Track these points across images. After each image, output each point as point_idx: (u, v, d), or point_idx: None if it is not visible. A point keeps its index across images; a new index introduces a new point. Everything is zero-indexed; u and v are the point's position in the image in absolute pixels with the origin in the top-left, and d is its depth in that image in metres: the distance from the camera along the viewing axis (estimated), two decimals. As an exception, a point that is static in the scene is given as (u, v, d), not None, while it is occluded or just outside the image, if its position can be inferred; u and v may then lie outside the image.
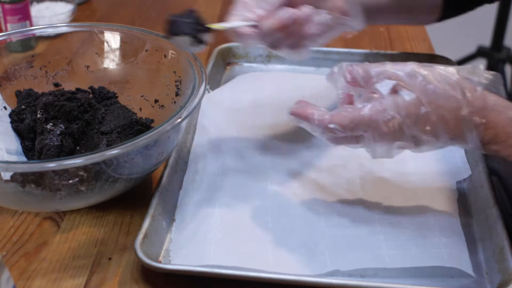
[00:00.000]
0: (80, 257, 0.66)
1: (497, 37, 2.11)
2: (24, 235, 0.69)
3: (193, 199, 0.72)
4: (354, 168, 0.77)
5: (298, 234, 0.67)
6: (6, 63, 0.83)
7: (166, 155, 0.71)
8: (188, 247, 0.65)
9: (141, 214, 0.69)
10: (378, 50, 1.00)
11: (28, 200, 0.65)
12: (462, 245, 0.65)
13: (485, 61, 2.19)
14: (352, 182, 0.75)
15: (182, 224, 0.69)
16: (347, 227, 0.68)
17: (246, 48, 1.02)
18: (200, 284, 0.63)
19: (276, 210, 0.71)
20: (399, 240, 0.66)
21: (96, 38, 0.85)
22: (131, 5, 1.28)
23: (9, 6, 1.03)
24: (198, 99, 0.69)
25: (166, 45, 0.80)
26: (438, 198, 0.72)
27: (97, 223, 0.70)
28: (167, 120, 0.65)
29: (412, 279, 0.63)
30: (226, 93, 0.91)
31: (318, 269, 0.63)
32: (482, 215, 0.69)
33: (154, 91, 0.82)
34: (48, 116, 0.73)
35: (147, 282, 0.63)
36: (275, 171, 0.77)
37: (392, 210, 0.70)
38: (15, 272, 0.64)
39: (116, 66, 0.85)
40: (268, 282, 0.61)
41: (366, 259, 0.64)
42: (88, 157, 0.60)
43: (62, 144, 0.71)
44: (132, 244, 0.65)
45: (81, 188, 0.65)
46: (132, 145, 0.62)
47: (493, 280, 0.62)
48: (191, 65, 0.75)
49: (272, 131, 0.84)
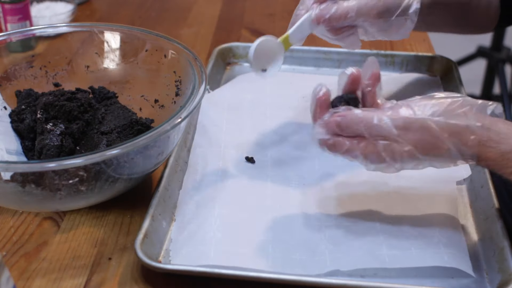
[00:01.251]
0: (80, 257, 0.66)
1: (497, 37, 2.11)
2: (24, 235, 0.69)
3: (193, 199, 0.72)
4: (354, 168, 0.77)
5: (298, 234, 0.67)
6: (6, 63, 0.83)
7: (166, 155, 0.71)
8: (188, 247, 0.65)
9: (141, 214, 0.69)
10: (378, 51, 1.00)
11: (28, 200, 0.65)
12: (462, 245, 0.65)
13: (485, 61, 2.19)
14: (352, 182, 0.75)
15: (182, 224, 0.69)
16: (347, 227, 0.68)
17: (246, 48, 1.02)
18: (200, 284, 0.63)
19: (276, 210, 0.71)
20: (399, 240, 0.66)
21: (96, 38, 0.85)
22: (131, 5, 1.28)
23: (9, 6, 1.03)
24: (198, 99, 0.69)
25: (166, 45, 0.80)
26: (438, 198, 0.72)
27: (97, 223, 0.70)
28: (167, 120, 0.65)
29: (412, 279, 0.63)
30: (226, 93, 0.91)
31: (318, 269, 0.63)
32: (482, 215, 0.69)
33: (154, 91, 0.82)
34: (48, 116, 0.73)
35: (147, 282, 0.63)
36: (275, 171, 0.77)
37: (392, 210, 0.70)
38: (15, 272, 0.64)
39: (116, 66, 0.85)
40: (268, 282, 0.61)
41: (366, 259, 0.64)
42: (88, 157, 0.60)
43: (62, 144, 0.71)
44: (132, 244, 0.65)
45: (81, 188, 0.65)
46: (132, 145, 0.62)
47: (493, 280, 0.62)
48: (191, 65, 0.75)
49: (272, 131, 0.84)
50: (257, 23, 1.19)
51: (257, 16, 1.23)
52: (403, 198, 0.72)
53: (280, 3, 1.28)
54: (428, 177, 0.75)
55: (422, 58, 0.99)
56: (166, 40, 0.80)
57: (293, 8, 0.79)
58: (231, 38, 1.11)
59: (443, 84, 0.95)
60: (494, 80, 2.19)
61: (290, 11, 0.76)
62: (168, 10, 1.26)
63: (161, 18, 1.23)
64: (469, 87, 0.67)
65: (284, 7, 1.25)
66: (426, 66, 0.99)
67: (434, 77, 0.97)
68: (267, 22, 1.19)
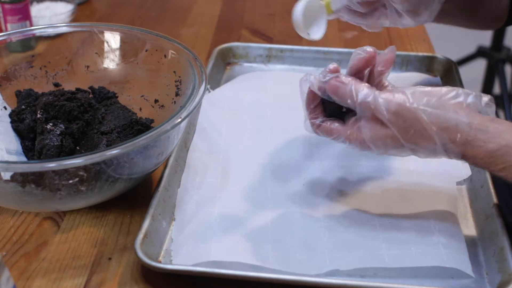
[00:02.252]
0: (80, 257, 0.66)
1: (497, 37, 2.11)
2: (24, 235, 0.69)
3: (193, 199, 0.72)
4: (353, 168, 0.77)
5: (298, 234, 0.67)
6: (6, 63, 0.83)
7: (166, 155, 0.71)
8: (188, 245, 0.66)
9: (141, 214, 0.69)
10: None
11: (28, 200, 0.65)
12: (462, 245, 0.65)
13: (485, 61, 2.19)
14: (351, 182, 0.75)
15: (182, 223, 0.69)
16: (346, 227, 0.68)
17: (246, 48, 1.02)
18: (200, 284, 0.63)
19: (276, 210, 0.71)
20: (399, 240, 0.66)
21: (96, 38, 0.85)
22: (131, 5, 1.28)
23: (9, 6, 1.03)
24: (198, 99, 0.69)
25: (166, 45, 0.80)
26: (438, 199, 0.72)
27: (97, 223, 0.70)
28: (167, 120, 0.65)
29: (412, 279, 0.63)
30: (227, 93, 0.91)
31: (317, 269, 0.63)
32: (482, 215, 0.69)
33: (154, 91, 0.82)
34: (48, 116, 0.73)
35: (147, 282, 0.63)
36: (275, 171, 0.77)
37: (392, 210, 0.70)
38: (15, 272, 0.64)
39: (116, 66, 0.85)
40: (268, 282, 0.61)
41: (365, 259, 0.64)
42: (88, 157, 0.60)
43: (62, 144, 0.71)
44: (132, 244, 0.65)
45: (81, 188, 0.65)
46: (132, 145, 0.62)
47: (493, 280, 0.62)
48: (191, 65, 0.75)
49: (272, 131, 0.84)
50: (257, 23, 1.19)
51: (257, 16, 1.22)
52: (403, 198, 0.72)
53: (280, 3, 1.28)
54: (428, 177, 0.75)
55: (422, 58, 0.99)
56: (166, 40, 0.80)
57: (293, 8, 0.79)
58: (231, 38, 1.11)
59: (443, 84, 0.96)
60: (494, 80, 2.19)
61: (290, 11, 0.76)
62: (168, 10, 1.26)
63: (161, 18, 1.23)
64: (469, 87, 0.67)
65: (284, 7, 1.25)
66: (426, 66, 0.99)
67: (434, 77, 0.98)
68: (267, 22, 1.19)
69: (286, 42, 1.09)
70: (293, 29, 0.77)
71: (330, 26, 0.80)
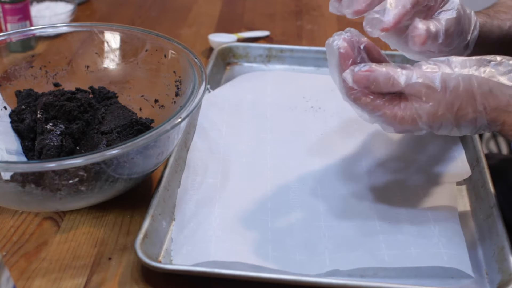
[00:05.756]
0: (80, 257, 0.66)
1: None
2: (24, 235, 0.69)
3: (192, 199, 0.72)
4: (353, 168, 0.77)
5: (297, 234, 0.68)
6: (6, 63, 0.83)
7: (166, 155, 0.71)
8: (188, 245, 0.66)
9: (141, 214, 0.69)
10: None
11: (28, 200, 0.65)
12: (462, 245, 0.65)
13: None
14: (351, 182, 0.75)
15: (182, 223, 0.69)
16: (346, 227, 0.68)
17: (246, 48, 1.02)
18: (200, 284, 0.63)
19: (276, 210, 0.71)
20: (399, 240, 0.66)
21: (96, 38, 0.85)
22: (131, 5, 1.28)
23: (9, 6, 1.03)
24: (198, 99, 0.69)
25: (166, 45, 0.80)
26: (438, 198, 0.72)
27: (97, 223, 0.70)
28: (167, 120, 0.65)
29: (412, 279, 0.63)
30: (227, 93, 0.91)
31: (317, 269, 0.63)
32: (482, 215, 0.69)
33: (154, 91, 0.82)
34: (48, 116, 0.73)
35: (147, 282, 0.63)
36: (275, 171, 0.77)
37: (392, 210, 0.70)
38: (15, 272, 0.64)
39: (116, 66, 0.85)
40: (268, 282, 0.61)
41: (365, 259, 0.64)
42: (88, 157, 0.60)
43: (62, 144, 0.71)
44: (132, 244, 0.65)
45: (81, 188, 0.65)
46: (132, 145, 0.62)
47: (493, 280, 0.62)
48: (191, 65, 0.75)
49: (272, 131, 0.84)
50: (257, 23, 1.19)
51: (257, 16, 1.23)
52: (402, 198, 0.72)
53: (280, 3, 1.28)
54: (428, 177, 0.75)
55: (422, 58, 0.99)
56: (166, 40, 0.80)
57: (293, 8, 0.79)
58: (231, 38, 1.11)
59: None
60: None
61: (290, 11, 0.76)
62: (168, 10, 1.26)
63: (161, 18, 1.23)
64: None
65: (284, 7, 1.25)
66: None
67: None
68: (267, 22, 1.19)
69: (286, 42, 1.10)
70: (293, 29, 0.77)
71: (330, 26, 0.80)
